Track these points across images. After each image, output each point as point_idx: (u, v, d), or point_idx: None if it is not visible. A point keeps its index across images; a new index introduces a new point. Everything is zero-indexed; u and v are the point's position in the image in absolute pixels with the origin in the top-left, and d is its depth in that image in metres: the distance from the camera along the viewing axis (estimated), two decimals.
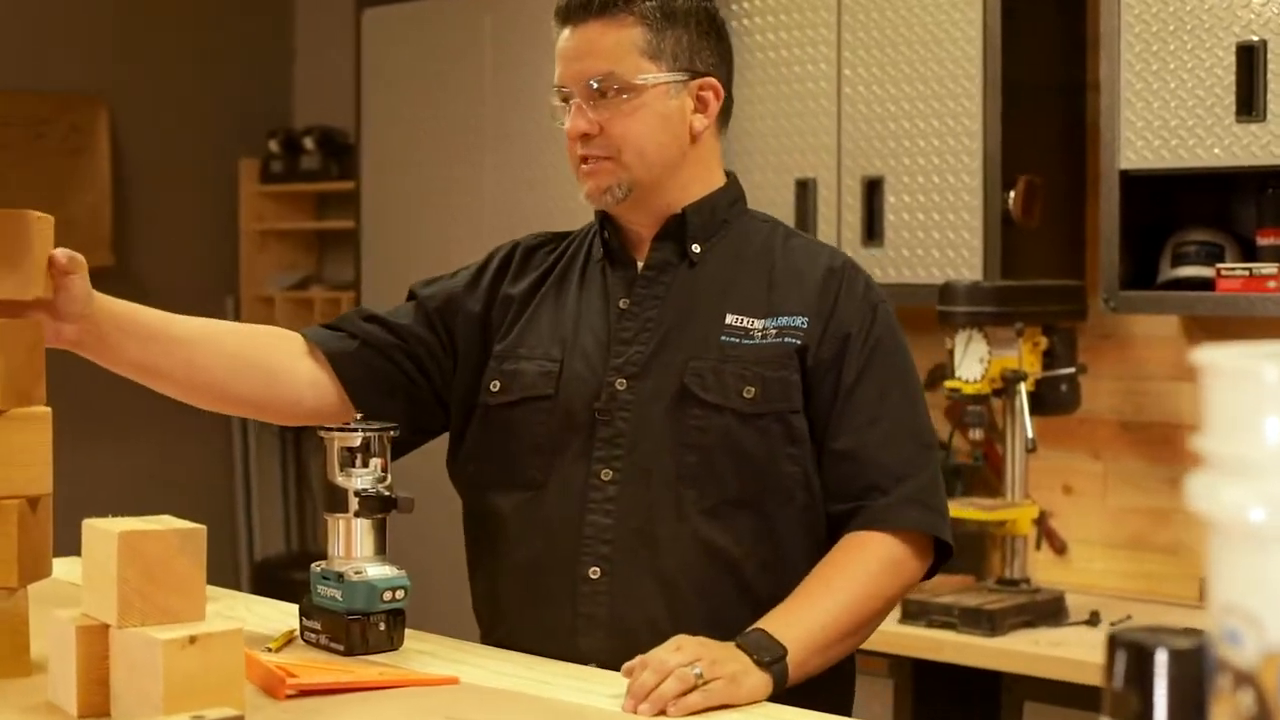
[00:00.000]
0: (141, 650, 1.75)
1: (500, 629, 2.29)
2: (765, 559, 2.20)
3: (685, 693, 1.88)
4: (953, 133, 3.76)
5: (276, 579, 5.60)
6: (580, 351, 2.28)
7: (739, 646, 1.99)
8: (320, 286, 6.23)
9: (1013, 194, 3.70)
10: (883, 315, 2.26)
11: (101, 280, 2.25)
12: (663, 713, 1.87)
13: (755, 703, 1.94)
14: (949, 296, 3.55)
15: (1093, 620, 3.50)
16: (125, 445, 5.85)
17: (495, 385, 2.32)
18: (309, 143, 6.07)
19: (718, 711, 1.90)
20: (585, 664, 2.14)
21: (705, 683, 1.90)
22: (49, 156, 5.91)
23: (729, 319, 2.23)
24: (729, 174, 2.36)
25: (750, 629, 2.04)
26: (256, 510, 6.37)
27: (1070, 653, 3.30)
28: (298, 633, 2.21)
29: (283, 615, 2.34)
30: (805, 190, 3.98)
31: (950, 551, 2.25)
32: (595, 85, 2.22)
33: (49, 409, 2.02)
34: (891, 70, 3.85)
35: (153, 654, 1.73)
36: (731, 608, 2.17)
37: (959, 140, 3.75)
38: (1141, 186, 3.54)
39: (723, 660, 1.94)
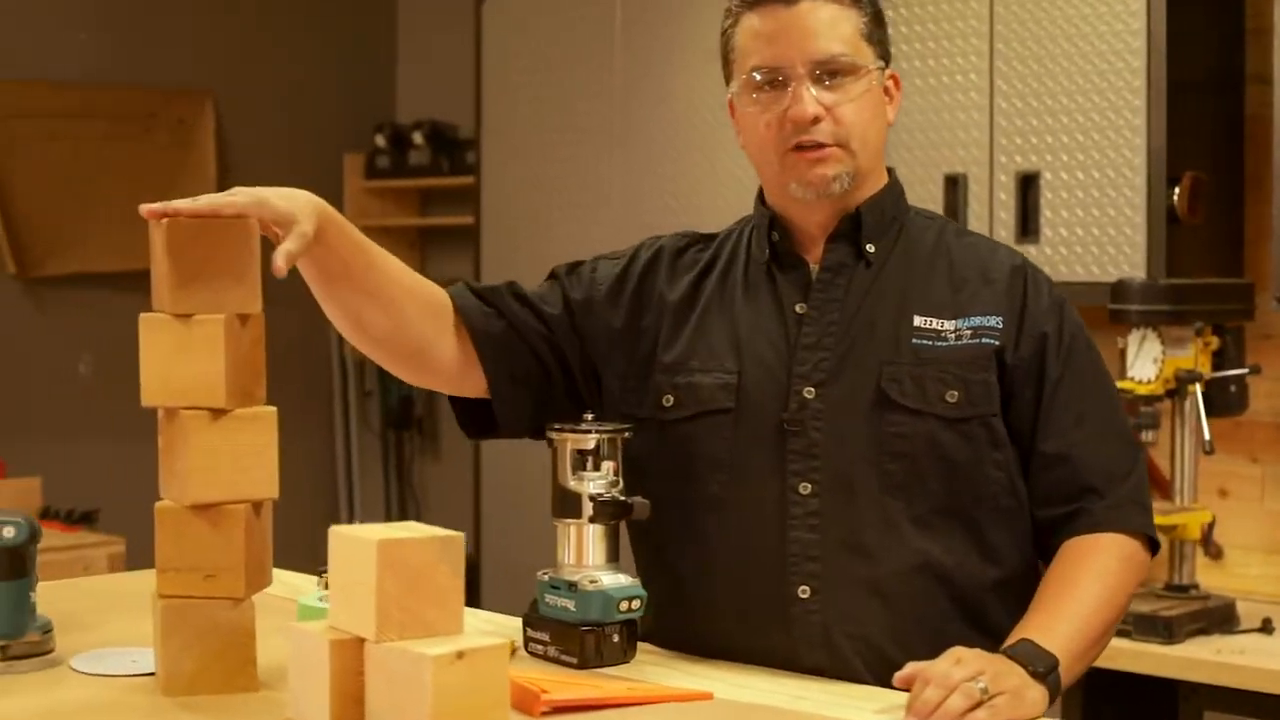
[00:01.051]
0: (406, 666, 1.67)
1: (704, 646, 2.18)
2: (975, 567, 2.12)
3: (971, 709, 1.80)
4: (1114, 127, 3.67)
5: None
6: (758, 360, 2.17)
7: (1011, 658, 1.91)
8: None
9: (1178, 190, 3.61)
10: (1069, 312, 2.19)
11: None
12: None
13: (1036, 718, 1.87)
14: (1122, 295, 3.46)
15: (1266, 628, 3.41)
16: None
17: (669, 400, 2.21)
18: (418, 137, 6.01)
19: None
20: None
21: (990, 698, 1.81)
22: (156, 150, 5.89)
23: (917, 321, 2.14)
24: (889, 170, 2.27)
25: (1016, 640, 1.96)
26: (360, 512, 6.31)
27: (1251, 661, 3.22)
28: (520, 644, 2.13)
29: None
30: (954, 186, 3.89)
31: (1156, 550, 2.20)
32: (825, 66, 2.12)
33: (273, 409, 1.95)
34: (1049, 64, 3.76)
35: (420, 670, 1.65)
36: (947, 619, 2.10)
37: (1120, 135, 3.66)
38: None
39: (1004, 674, 1.86)
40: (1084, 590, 2.07)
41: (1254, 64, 3.78)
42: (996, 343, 2.13)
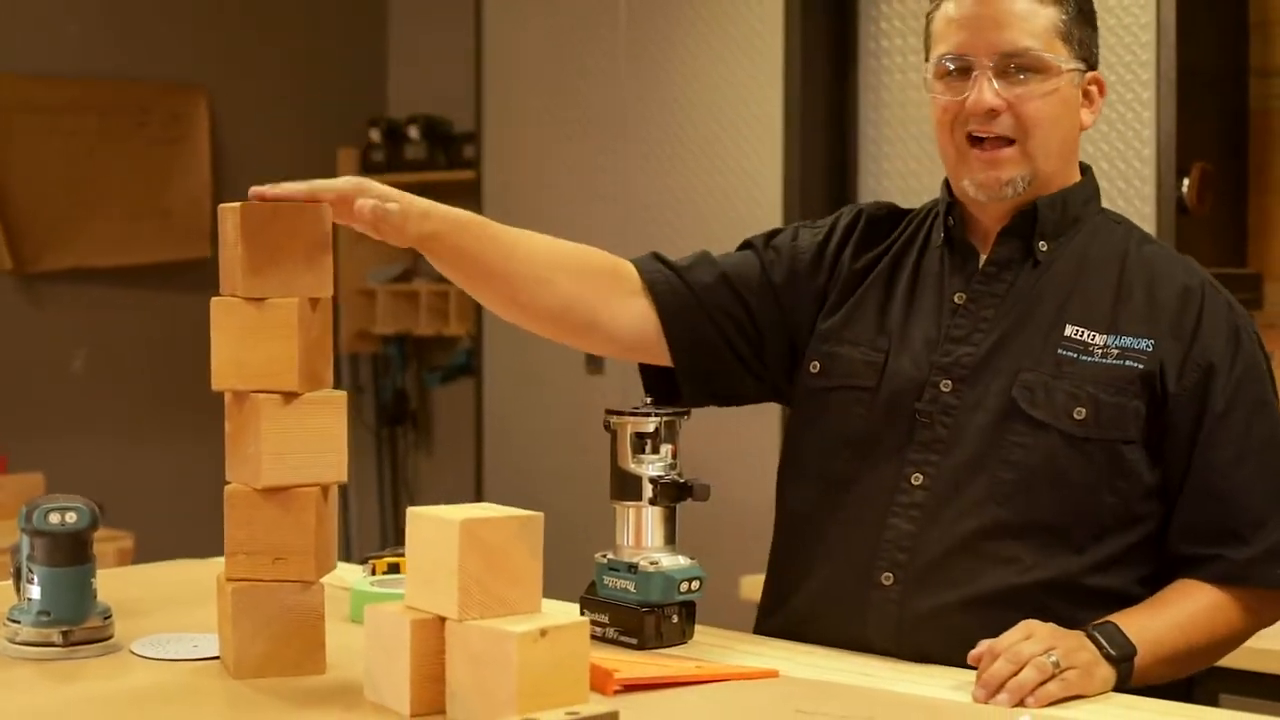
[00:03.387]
0: (490, 645, 1.68)
1: (779, 618, 2.22)
2: (1070, 589, 2.05)
3: (1043, 682, 1.81)
4: (1124, 120, 3.71)
5: None
6: (908, 343, 2.16)
7: (1089, 636, 1.92)
8: (422, 279, 6.17)
9: (1187, 181, 3.65)
10: (1246, 341, 2.10)
11: (198, 271, 2.20)
12: (1020, 703, 1.80)
13: (1103, 694, 1.88)
14: None
15: None
16: (219, 444, 5.79)
17: (815, 366, 2.23)
18: (414, 131, 6.00)
19: (1072, 701, 1.84)
20: None
21: (1061, 671, 1.83)
22: (150, 145, 5.88)
23: (1068, 330, 2.09)
24: (1085, 168, 2.22)
25: (1103, 620, 1.96)
26: (354, 508, 6.31)
27: (1270, 644, 3.24)
28: None
29: None
30: None
31: None
32: (1011, 60, 2.09)
33: (343, 393, 1.96)
34: None
35: (505, 649, 1.66)
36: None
37: (1130, 128, 3.70)
38: None
39: (1075, 649, 1.87)
40: (1193, 606, 2.04)
41: (1258, 57, 3.83)
42: (1141, 366, 2.06)
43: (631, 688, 1.86)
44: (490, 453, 5.09)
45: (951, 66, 2.13)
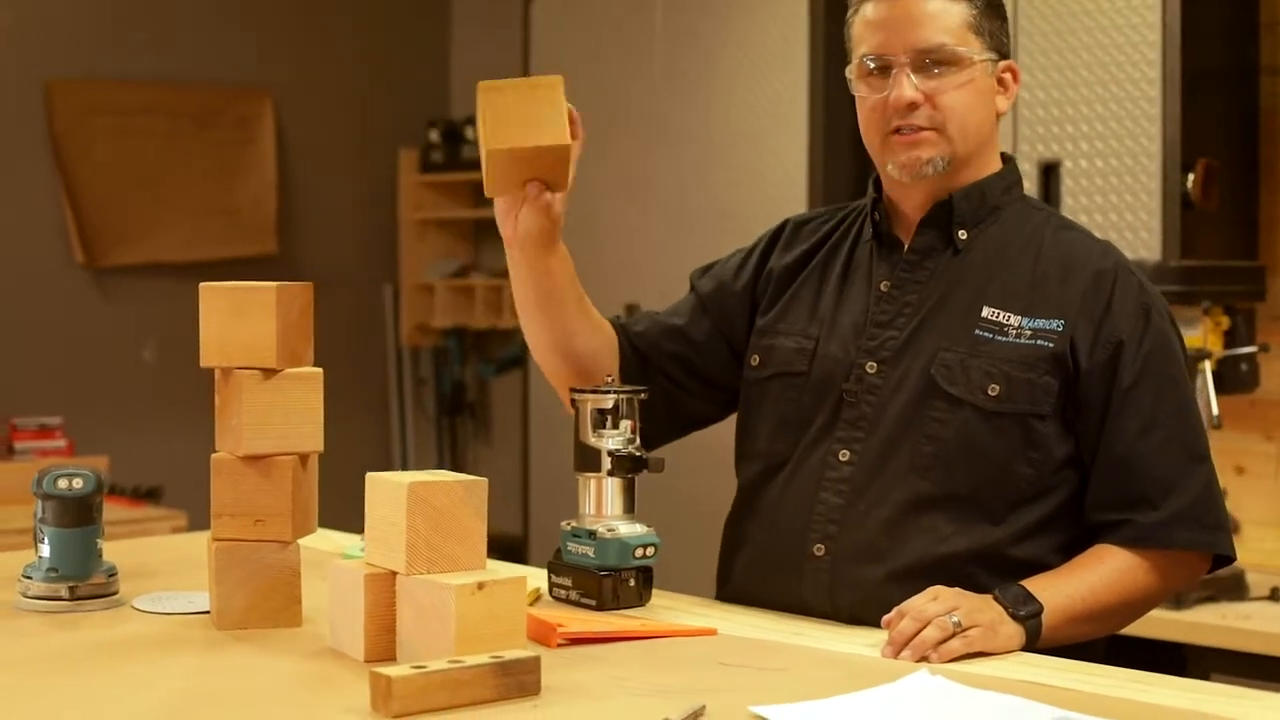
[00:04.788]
0: (431, 596, 1.84)
1: (729, 590, 2.36)
2: (990, 558, 2.16)
3: (945, 640, 1.94)
4: (1131, 117, 3.81)
5: None
6: (836, 330, 2.30)
7: (996, 599, 2.04)
8: (479, 274, 6.35)
9: (1192, 176, 3.74)
10: (1156, 320, 2.20)
11: (265, 268, 2.36)
12: (924, 659, 1.93)
13: (1009, 652, 2.00)
14: None
15: (1275, 596, 3.54)
16: None
17: (755, 360, 2.38)
18: (470, 132, 6.19)
19: (976, 659, 1.96)
20: None
21: (963, 630, 1.95)
22: (217, 147, 6.10)
23: (985, 311, 2.20)
24: (1007, 158, 2.34)
25: (1009, 585, 2.08)
26: None
27: (1258, 626, 3.35)
28: (545, 591, 2.30)
29: None
30: None
31: (1229, 560, 2.22)
32: (927, 55, 2.21)
33: (320, 370, 2.13)
34: (1069, 57, 3.91)
35: (444, 599, 1.82)
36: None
37: (1138, 124, 3.80)
38: None
39: (979, 609, 1.99)
40: (1105, 570, 2.14)
41: (1269, 56, 3.91)
42: (1051, 346, 2.17)
43: (575, 641, 2.01)
44: (536, 440, 5.25)
45: (872, 65, 2.25)
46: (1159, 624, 3.41)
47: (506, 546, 4.46)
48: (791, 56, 4.50)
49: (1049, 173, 3.94)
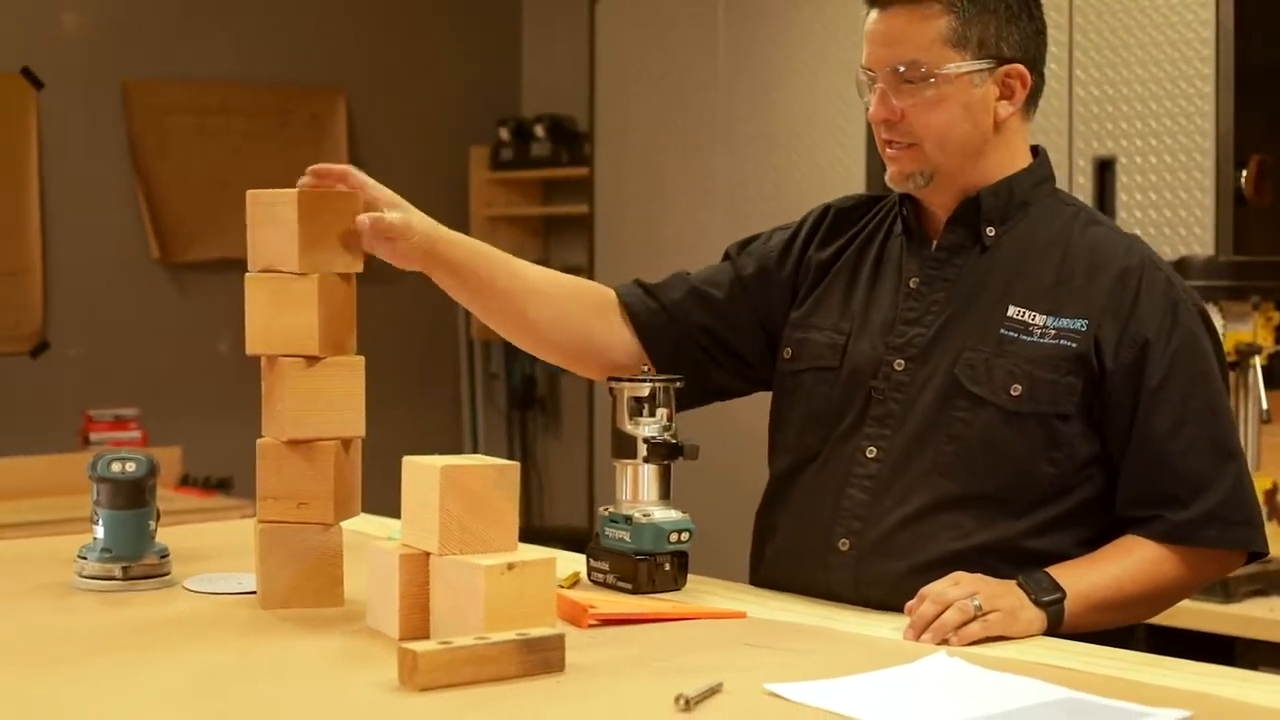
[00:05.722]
0: (463, 576, 1.90)
1: (759, 577, 2.41)
2: (1012, 551, 2.18)
3: (965, 623, 1.97)
4: (1185, 114, 3.83)
5: None
6: (868, 326, 2.32)
7: (1019, 585, 2.07)
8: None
9: (1245, 173, 3.76)
10: (1184, 315, 2.19)
11: None
12: (945, 642, 1.97)
13: (1030, 636, 2.04)
14: (1185, 271, 3.60)
15: None
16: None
17: (788, 352, 2.41)
18: (539, 130, 6.26)
19: (997, 642, 1.99)
20: None
21: (984, 614, 1.98)
22: (292, 145, 6.20)
23: (1011, 311, 2.21)
24: (1038, 152, 2.32)
25: (1033, 571, 2.11)
26: None
27: None
28: (584, 574, 2.36)
29: None
30: None
31: (1262, 554, 2.23)
32: (899, 72, 2.21)
33: (362, 358, 2.19)
34: (1124, 54, 3.94)
35: (474, 579, 1.87)
36: None
37: (1191, 121, 3.82)
38: None
39: (1000, 594, 2.02)
40: (1129, 559, 2.16)
41: None
42: (1075, 346, 2.17)
43: (606, 622, 2.07)
44: (601, 434, 5.32)
45: (863, 77, 2.29)
46: (1208, 616, 3.43)
47: (572, 539, 4.52)
48: (847, 58, 4.53)
49: (1104, 169, 3.97)
